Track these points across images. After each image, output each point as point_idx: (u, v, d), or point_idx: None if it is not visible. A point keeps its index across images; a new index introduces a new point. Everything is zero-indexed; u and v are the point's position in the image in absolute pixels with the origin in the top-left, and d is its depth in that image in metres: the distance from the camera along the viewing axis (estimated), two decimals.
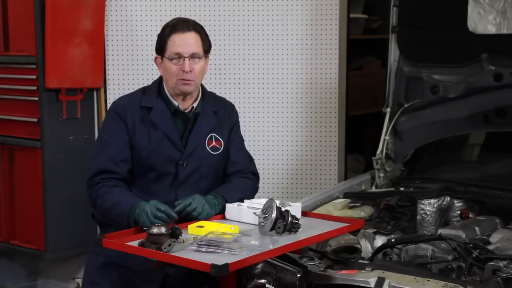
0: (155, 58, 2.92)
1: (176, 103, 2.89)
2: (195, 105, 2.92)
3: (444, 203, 3.21)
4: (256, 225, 2.56)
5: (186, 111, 2.90)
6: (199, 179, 2.90)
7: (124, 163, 2.84)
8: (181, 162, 2.86)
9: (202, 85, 2.98)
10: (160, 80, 2.94)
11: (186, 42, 2.81)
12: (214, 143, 2.94)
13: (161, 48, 2.86)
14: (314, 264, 2.59)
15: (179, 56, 2.80)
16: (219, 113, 2.99)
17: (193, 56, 2.81)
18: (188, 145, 2.88)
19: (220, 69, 4.39)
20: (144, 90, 2.96)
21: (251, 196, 2.95)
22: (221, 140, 2.95)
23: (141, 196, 2.79)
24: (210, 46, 2.92)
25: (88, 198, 2.85)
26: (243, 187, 2.94)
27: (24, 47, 4.22)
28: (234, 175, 2.98)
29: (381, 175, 3.68)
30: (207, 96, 2.99)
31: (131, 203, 2.69)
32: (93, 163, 2.85)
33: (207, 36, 2.91)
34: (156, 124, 2.86)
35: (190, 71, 2.81)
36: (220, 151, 2.94)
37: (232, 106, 3.08)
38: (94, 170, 2.83)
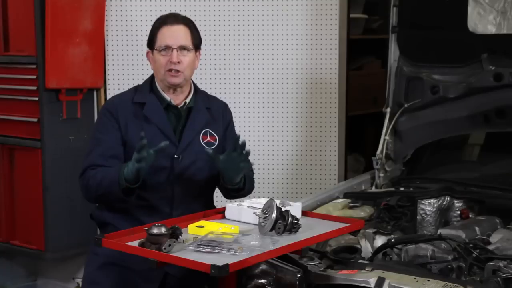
0: (147, 53, 2.95)
1: (168, 98, 2.90)
2: (187, 100, 2.93)
3: (444, 203, 3.21)
4: (256, 225, 2.56)
5: (179, 106, 2.91)
6: (195, 174, 2.90)
7: (115, 159, 2.84)
8: (176, 156, 2.86)
9: (194, 83, 2.99)
10: (152, 77, 2.96)
11: (175, 34, 2.85)
12: (208, 138, 2.95)
13: (151, 41, 2.90)
14: (314, 264, 2.58)
15: (168, 47, 2.83)
16: (213, 110, 3.00)
17: (181, 48, 2.84)
18: (183, 139, 2.89)
19: (220, 69, 4.39)
20: (136, 88, 2.98)
21: (252, 184, 2.99)
22: (216, 136, 2.96)
23: (137, 192, 2.80)
24: (200, 41, 2.94)
25: (82, 189, 2.86)
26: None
27: (24, 47, 4.22)
28: None
29: (381, 175, 3.68)
30: (200, 93, 3.00)
31: (119, 167, 2.73)
32: (85, 161, 2.86)
33: (197, 31, 2.93)
34: (149, 119, 2.87)
35: (178, 62, 2.83)
36: (215, 146, 2.95)
37: (225, 105, 3.10)
38: (85, 166, 2.84)
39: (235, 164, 2.76)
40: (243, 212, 2.70)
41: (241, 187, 2.91)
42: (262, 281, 2.55)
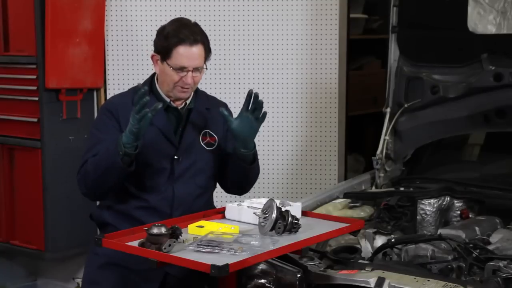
0: (152, 56, 2.90)
1: (168, 100, 2.90)
2: (187, 101, 2.93)
3: (444, 203, 3.21)
4: (256, 225, 2.56)
5: (178, 108, 2.91)
6: (195, 175, 2.90)
7: None
8: (176, 157, 2.86)
9: None
10: (152, 78, 2.94)
11: (192, 56, 2.80)
12: (208, 139, 2.95)
13: (165, 53, 2.82)
14: (314, 264, 2.59)
15: (183, 68, 2.80)
16: (212, 110, 2.99)
17: (196, 69, 2.82)
18: (183, 140, 2.89)
19: (220, 69, 4.39)
20: (135, 89, 2.96)
21: (258, 167, 2.99)
22: (215, 137, 2.96)
23: (137, 193, 2.81)
24: (210, 53, 2.92)
25: (79, 183, 2.83)
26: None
27: (24, 47, 4.22)
28: None
29: (381, 175, 3.68)
30: (199, 93, 3.00)
31: (114, 140, 2.70)
32: (83, 158, 2.85)
33: (209, 44, 2.90)
34: None
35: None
36: (214, 146, 2.95)
37: (225, 106, 3.09)
38: (82, 162, 2.82)
39: (249, 124, 2.79)
40: (243, 212, 2.70)
41: (255, 156, 2.89)
42: (262, 281, 2.56)
